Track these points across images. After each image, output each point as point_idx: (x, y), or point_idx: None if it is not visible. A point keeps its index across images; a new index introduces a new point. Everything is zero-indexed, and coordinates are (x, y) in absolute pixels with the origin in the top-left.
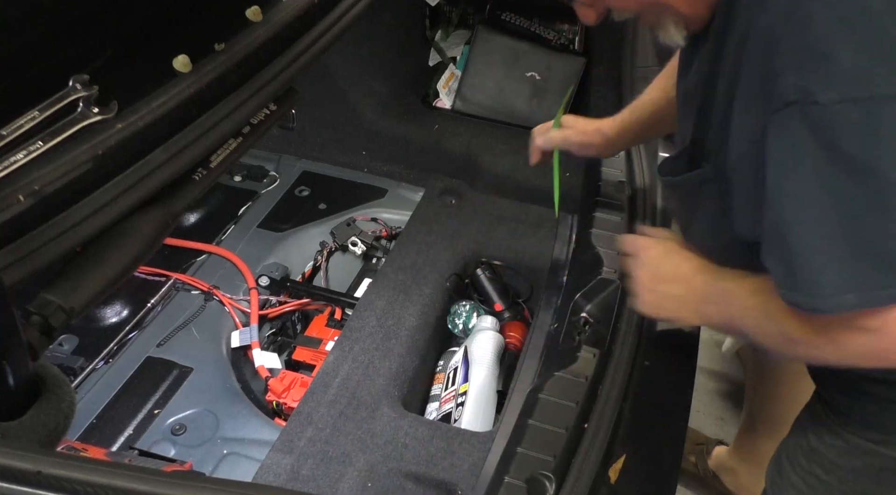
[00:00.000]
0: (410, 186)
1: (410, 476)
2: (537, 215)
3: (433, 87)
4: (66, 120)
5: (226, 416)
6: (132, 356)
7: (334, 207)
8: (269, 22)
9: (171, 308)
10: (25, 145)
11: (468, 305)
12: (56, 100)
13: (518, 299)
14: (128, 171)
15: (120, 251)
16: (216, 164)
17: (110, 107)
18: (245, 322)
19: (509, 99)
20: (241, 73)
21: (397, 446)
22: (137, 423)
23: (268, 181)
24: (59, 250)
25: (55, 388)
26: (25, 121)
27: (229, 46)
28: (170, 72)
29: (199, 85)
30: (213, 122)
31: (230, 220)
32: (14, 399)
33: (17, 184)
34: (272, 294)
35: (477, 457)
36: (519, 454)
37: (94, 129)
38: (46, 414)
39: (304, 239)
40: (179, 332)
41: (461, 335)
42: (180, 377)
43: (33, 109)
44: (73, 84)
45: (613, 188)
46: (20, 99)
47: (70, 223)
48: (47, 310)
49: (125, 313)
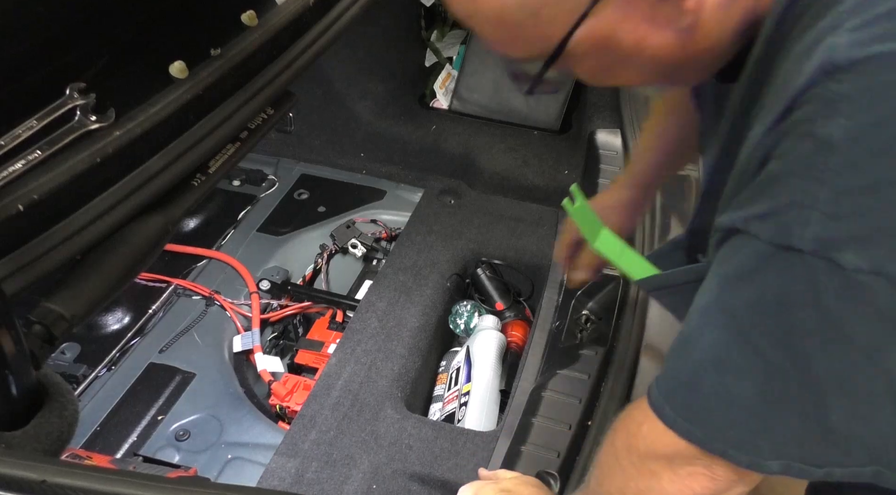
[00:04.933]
0: (409, 187)
1: (415, 477)
2: (537, 213)
3: (430, 87)
4: (63, 128)
5: (229, 421)
6: (134, 363)
7: (333, 210)
8: (265, 26)
9: (172, 314)
10: (23, 154)
11: (469, 305)
12: (53, 108)
13: (519, 298)
14: (126, 179)
15: (120, 258)
16: (215, 170)
17: (108, 114)
18: (247, 326)
19: (506, 98)
20: (237, 78)
21: (401, 447)
22: (141, 430)
23: (266, 185)
24: (60, 258)
25: (58, 397)
26: (23, 130)
27: (225, 51)
28: (166, 78)
29: (196, 90)
30: (210, 128)
31: (230, 225)
32: (17, 408)
33: (16, 193)
34: (273, 298)
35: (481, 457)
36: (523, 453)
37: (91, 137)
38: (50, 423)
39: (304, 242)
40: (181, 338)
41: (463, 335)
42: (183, 383)
43: (31, 118)
44: (70, 92)
45: None
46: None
47: (69, 231)
48: (49, 318)
49: (126, 320)
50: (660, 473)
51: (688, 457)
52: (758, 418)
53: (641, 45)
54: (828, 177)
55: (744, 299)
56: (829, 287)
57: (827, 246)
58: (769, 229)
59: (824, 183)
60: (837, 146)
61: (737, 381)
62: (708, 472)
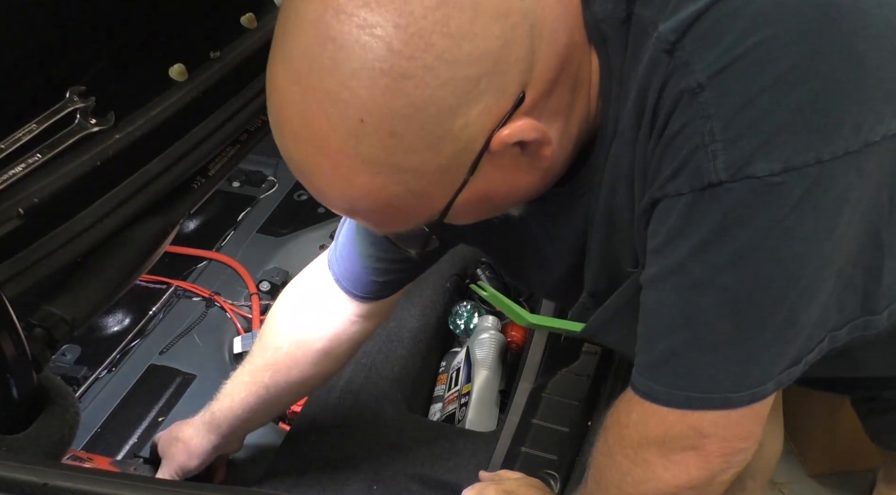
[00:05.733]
0: None
1: (415, 477)
2: None
3: None
4: (63, 131)
5: None
6: (135, 364)
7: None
8: (264, 28)
9: (172, 315)
10: (24, 158)
11: (469, 306)
12: (53, 112)
13: (519, 298)
14: (126, 182)
15: (120, 261)
16: (214, 172)
17: (108, 117)
18: (247, 327)
19: None
20: (237, 80)
21: (401, 448)
22: (142, 431)
23: (266, 186)
24: (60, 262)
25: (59, 399)
26: (23, 133)
27: (225, 54)
28: (166, 81)
29: (196, 93)
30: (210, 130)
31: (230, 226)
32: (18, 411)
33: (17, 196)
34: (273, 299)
35: (481, 457)
36: (523, 453)
37: (91, 140)
38: (51, 426)
39: (304, 243)
40: (182, 340)
41: (463, 335)
42: (183, 384)
43: (31, 122)
44: (70, 95)
45: None
46: (18, 111)
47: (70, 234)
48: (50, 321)
49: (127, 322)
50: (653, 462)
51: (678, 438)
52: (742, 351)
53: (512, 190)
54: (711, 112)
55: (685, 251)
56: (754, 201)
57: (738, 166)
58: (684, 180)
59: (710, 117)
60: (705, 85)
61: (708, 327)
62: (700, 453)
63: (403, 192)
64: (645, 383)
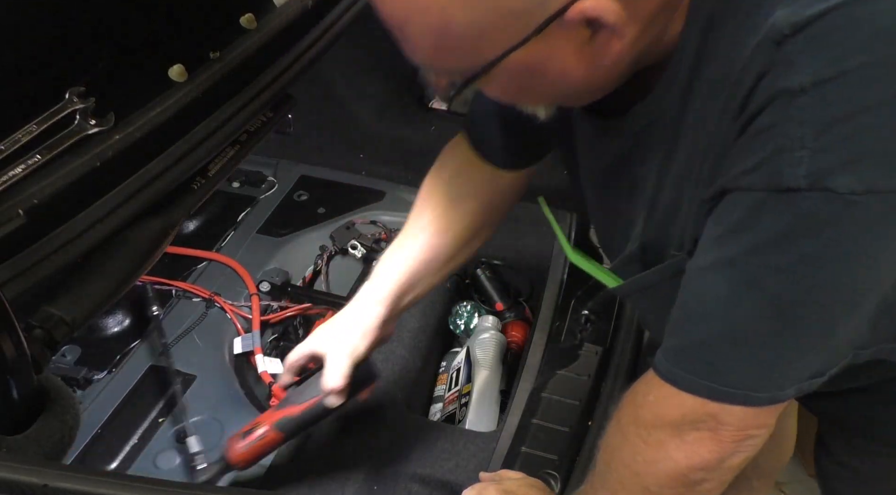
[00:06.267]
0: (409, 188)
1: (416, 477)
2: (536, 213)
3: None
4: (63, 132)
5: (230, 423)
6: (135, 365)
7: (333, 211)
8: (264, 29)
9: (172, 316)
10: (24, 159)
11: (469, 306)
12: (53, 113)
13: (519, 298)
14: (126, 182)
15: (120, 262)
16: (214, 173)
17: (107, 118)
18: (247, 328)
19: None
20: (236, 81)
21: (402, 448)
22: (142, 432)
23: (266, 186)
24: (60, 263)
25: (59, 400)
26: (23, 134)
27: (224, 54)
28: (166, 81)
29: (195, 94)
30: (210, 131)
31: (229, 227)
32: (19, 412)
33: (17, 197)
34: (273, 299)
35: (482, 458)
36: (523, 453)
37: (91, 141)
38: (52, 427)
39: (303, 243)
40: (182, 340)
41: (463, 335)
42: (184, 385)
43: (31, 123)
44: (69, 96)
45: None
46: (17, 112)
47: (70, 235)
48: (50, 322)
49: (127, 322)
50: (666, 442)
51: (694, 422)
52: (773, 354)
53: (563, 76)
54: (807, 118)
55: (745, 247)
56: (828, 214)
57: (820, 177)
58: (762, 178)
59: (804, 123)
60: (807, 90)
61: (748, 325)
62: (714, 436)
63: (466, 23)
64: (669, 367)
